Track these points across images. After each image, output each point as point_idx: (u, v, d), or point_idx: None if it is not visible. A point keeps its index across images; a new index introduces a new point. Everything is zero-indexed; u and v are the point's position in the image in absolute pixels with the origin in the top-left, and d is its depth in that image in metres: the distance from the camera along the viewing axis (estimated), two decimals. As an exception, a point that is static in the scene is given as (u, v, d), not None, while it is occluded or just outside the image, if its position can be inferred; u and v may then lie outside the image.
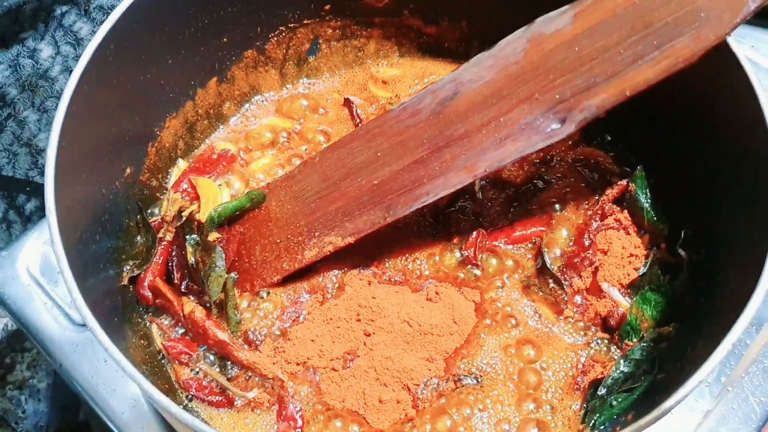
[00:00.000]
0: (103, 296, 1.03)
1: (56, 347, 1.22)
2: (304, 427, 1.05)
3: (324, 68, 1.40)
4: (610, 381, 1.04)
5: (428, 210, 1.21)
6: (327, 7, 1.31)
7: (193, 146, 1.30)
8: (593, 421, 1.03)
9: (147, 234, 1.16)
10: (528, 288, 1.15)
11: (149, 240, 1.15)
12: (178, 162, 1.27)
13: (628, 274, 1.13)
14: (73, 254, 0.91)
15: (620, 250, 1.13)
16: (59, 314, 1.25)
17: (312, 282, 1.17)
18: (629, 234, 1.15)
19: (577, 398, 1.07)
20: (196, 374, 1.10)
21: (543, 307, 1.14)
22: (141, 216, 1.16)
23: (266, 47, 1.31)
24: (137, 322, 1.12)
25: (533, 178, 1.25)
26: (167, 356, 1.11)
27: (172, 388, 1.09)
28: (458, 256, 1.18)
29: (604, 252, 1.14)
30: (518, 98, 1.04)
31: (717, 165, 1.07)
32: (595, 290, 1.13)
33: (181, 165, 1.27)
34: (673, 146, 1.16)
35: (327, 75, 1.40)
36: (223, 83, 1.29)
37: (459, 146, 1.08)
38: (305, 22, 1.32)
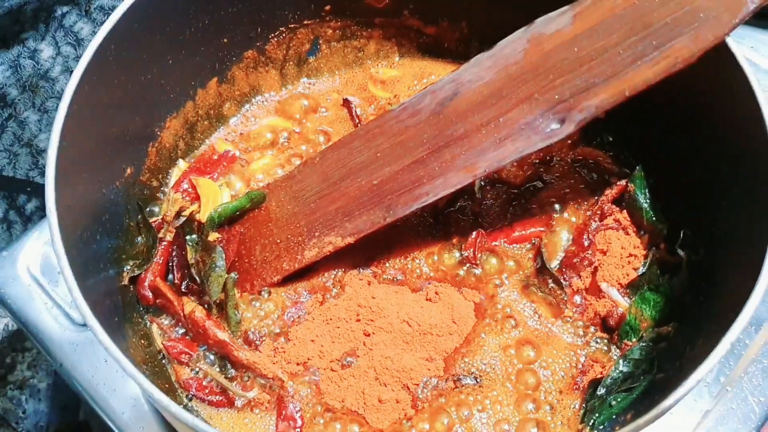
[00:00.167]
0: (104, 296, 1.03)
1: (56, 347, 1.23)
2: (304, 427, 1.05)
3: (324, 68, 1.40)
4: (610, 381, 1.04)
5: (428, 210, 1.22)
6: (327, 8, 1.32)
7: (194, 146, 1.30)
8: (592, 421, 1.03)
9: (147, 234, 1.16)
10: (527, 288, 1.15)
11: (150, 240, 1.15)
12: (179, 162, 1.27)
13: (628, 274, 1.13)
14: (74, 254, 0.91)
15: (619, 250, 1.13)
16: (59, 314, 1.25)
17: (312, 282, 1.17)
18: (628, 234, 1.15)
19: (577, 398, 1.07)
20: (196, 374, 1.10)
21: (542, 307, 1.14)
22: (141, 216, 1.16)
23: (266, 48, 1.32)
24: (137, 322, 1.12)
25: (533, 179, 1.25)
26: (167, 356, 1.11)
27: (172, 388, 1.09)
28: (457, 256, 1.18)
29: (604, 252, 1.14)
30: (518, 98, 1.04)
31: (716, 165, 1.07)
32: (595, 290, 1.13)
33: (182, 165, 1.27)
34: (673, 146, 1.16)
35: (327, 75, 1.40)
36: (224, 83, 1.30)
37: (459, 146, 1.08)
38: (305, 23, 1.32)
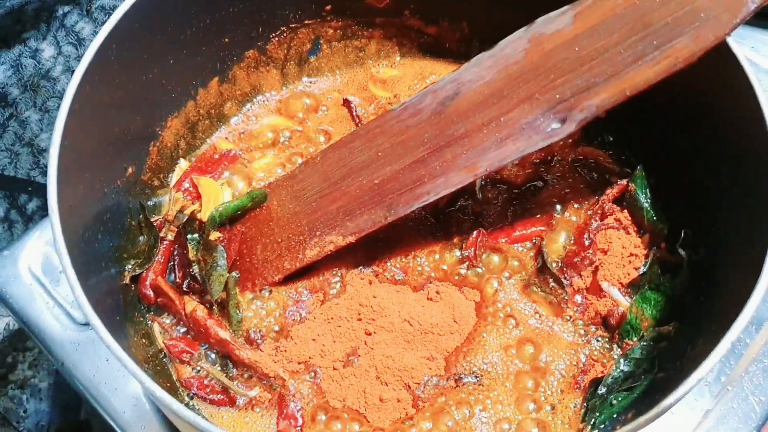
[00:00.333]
0: (105, 295, 1.04)
1: (58, 346, 1.23)
2: (305, 426, 1.06)
3: (325, 68, 1.40)
4: (610, 380, 1.05)
5: (429, 209, 1.22)
6: (328, 8, 1.32)
7: (195, 146, 1.30)
8: (593, 420, 1.03)
9: (149, 233, 1.16)
10: (528, 287, 1.16)
11: (151, 239, 1.16)
12: (180, 161, 1.28)
13: (628, 274, 1.13)
14: (76, 253, 0.91)
15: (620, 250, 1.14)
16: (61, 313, 1.25)
17: (313, 281, 1.17)
18: (629, 233, 1.16)
19: (578, 397, 1.07)
20: (198, 373, 1.10)
21: (543, 307, 1.14)
22: (143, 215, 1.17)
23: (267, 47, 1.32)
24: (139, 321, 1.12)
25: (533, 178, 1.25)
26: (169, 355, 1.11)
27: (174, 387, 1.09)
28: (458, 256, 1.19)
29: (604, 251, 1.14)
30: (519, 98, 1.04)
31: (717, 165, 1.07)
32: (596, 289, 1.13)
33: (183, 164, 1.27)
34: (673, 146, 1.16)
35: (328, 75, 1.40)
36: (225, 83, 1.30)
37: (460, 146, 1.08)
38: (306, 23, 1.32)
